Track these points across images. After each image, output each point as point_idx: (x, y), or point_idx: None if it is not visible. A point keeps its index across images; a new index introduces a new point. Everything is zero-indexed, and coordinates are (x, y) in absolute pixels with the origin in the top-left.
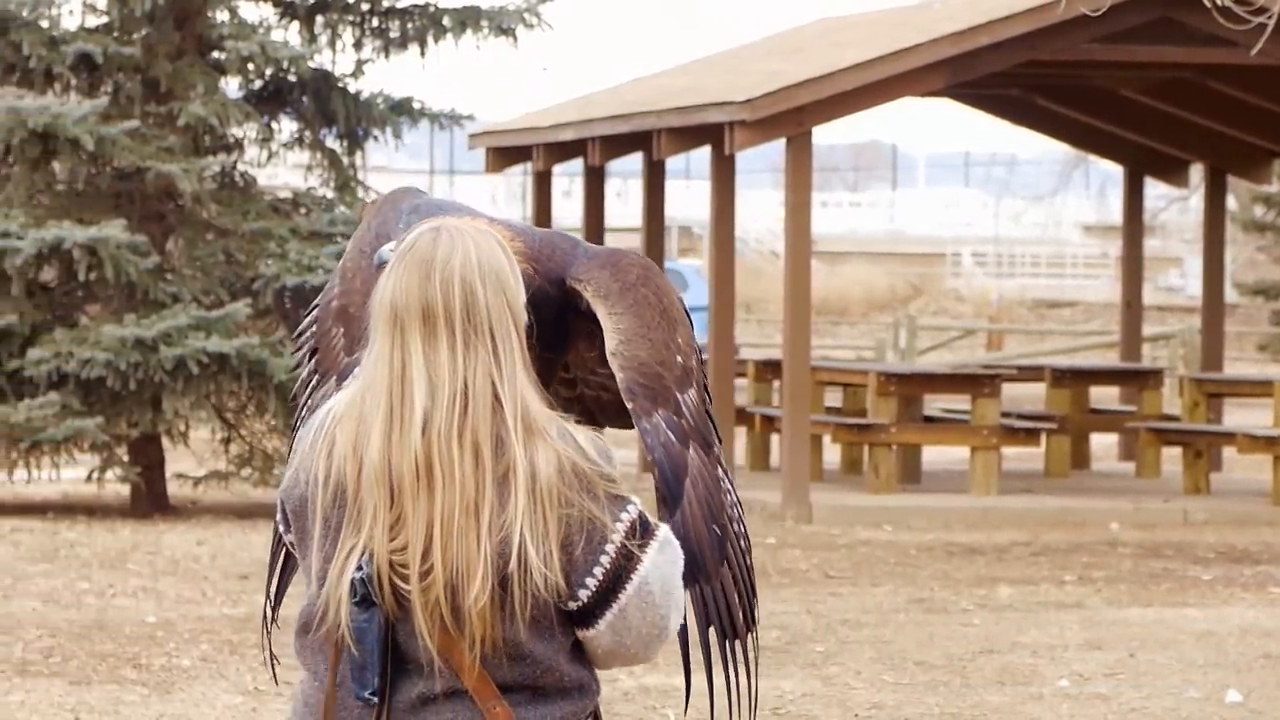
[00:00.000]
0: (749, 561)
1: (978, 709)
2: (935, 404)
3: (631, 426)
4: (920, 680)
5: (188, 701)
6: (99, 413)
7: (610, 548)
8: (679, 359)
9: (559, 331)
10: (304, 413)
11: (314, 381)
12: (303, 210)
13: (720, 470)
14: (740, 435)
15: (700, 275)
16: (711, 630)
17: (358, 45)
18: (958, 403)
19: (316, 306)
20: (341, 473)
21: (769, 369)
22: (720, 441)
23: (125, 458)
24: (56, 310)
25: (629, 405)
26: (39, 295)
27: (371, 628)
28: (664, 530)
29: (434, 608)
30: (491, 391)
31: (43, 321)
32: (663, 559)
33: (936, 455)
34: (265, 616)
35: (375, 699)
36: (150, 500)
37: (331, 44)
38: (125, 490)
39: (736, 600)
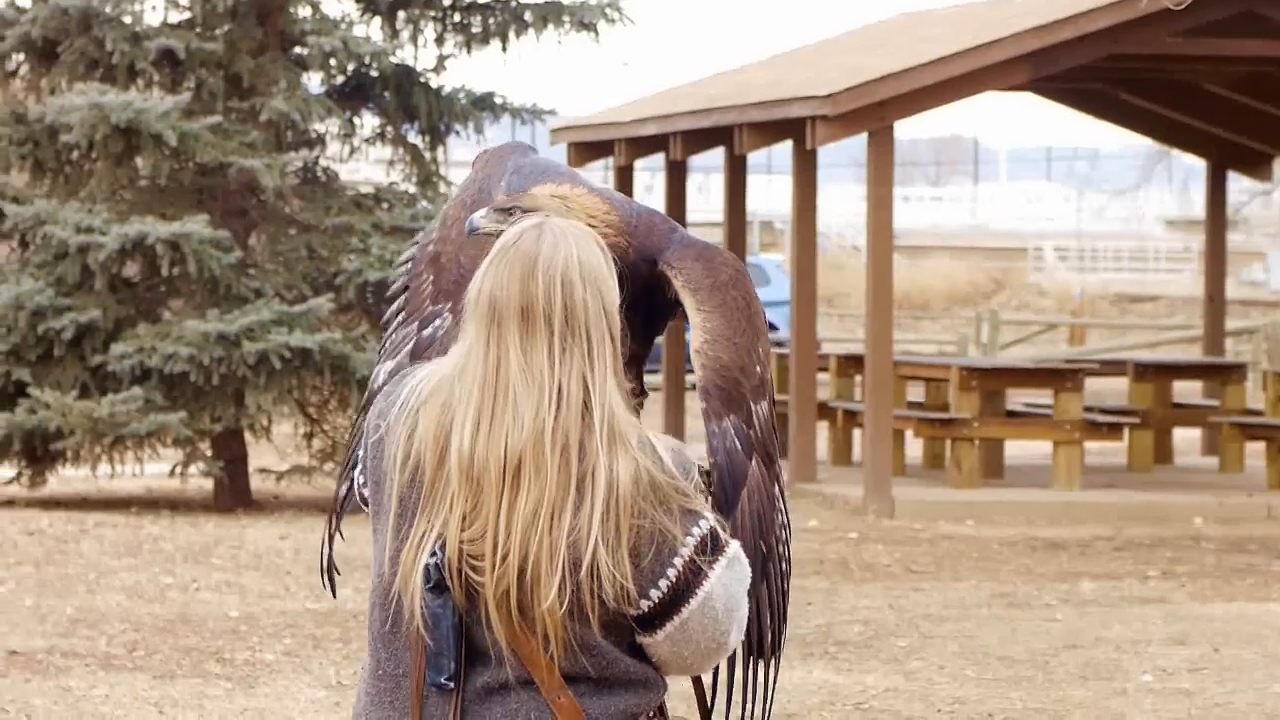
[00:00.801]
0: (786, 587)
1: (1061, 704)
2: (1018, 398)
3: None
4: (1003, 675)
5: (271, 695)
6: (182, 407)
7: (678, 561)
8: (758, 368)
9: (648, 310)
10: (385, 346)
11: (398, 320)
12: (385, 205)
13: (777, 488)
14: (822, 430)
15: (782, 270)
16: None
17: (439, 40)
18: (1040, 397)
19: (417, 244)
20: (421, 457)
21: (851, 363)
22: (780, 465)
23: (208, 452)
24: (140, 305)
25: (702, 404)
26: (122, 290)
27: (446, 614)
28: (734, 547)
29: (503, 599)
30: (583, 395)
31: (126, 317)
32: (730, 576)
33: (1019, 450)
34: (329, 529)
35: (451, 684)
36: (233, 495)
37: (413, 39)
38: (208, 485)
39: (767, 621)
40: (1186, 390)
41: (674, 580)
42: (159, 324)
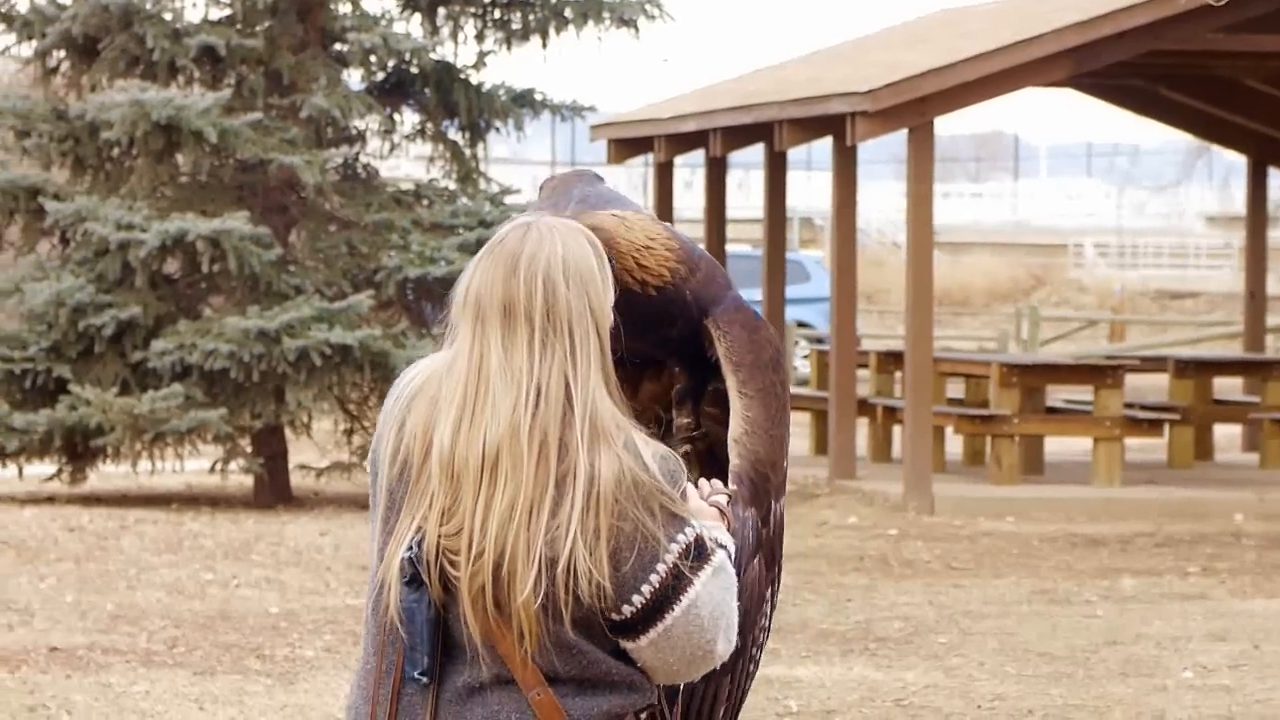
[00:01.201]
0: (748, 684)
1: (1101, 700)
2: (1058, 395)
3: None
4: (1043, 672)
5: (311, 692)
6: (222, 404)
7: (661, 567)
8: (784, 464)
9: (692, 354)
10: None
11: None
12: (425, 202)
13: (770, 591)
14: (862, 426)
15: (822, 266)
16: None
17: (479, 37)
18: (1080, 394)
19: None
20: (409, 450)
21: (891, 360)
22: (779, 569)
23: (248, 449)
24: (180, 302)
25: (732, 487)
26: (163, 287)
27: (420, 608)
28: (720, 555)
29: (478, 596)
30: (565, 392)
31: (166, 313)
32: (716, 584)
33: (1059, 446)
34: None
35: (425, 679)
36: (273, 491)
37: (453, 36)
38: (248, 481)
39: (721, 713)
40: (1227, 386)
41: (656, 586)
42: (199, 321)
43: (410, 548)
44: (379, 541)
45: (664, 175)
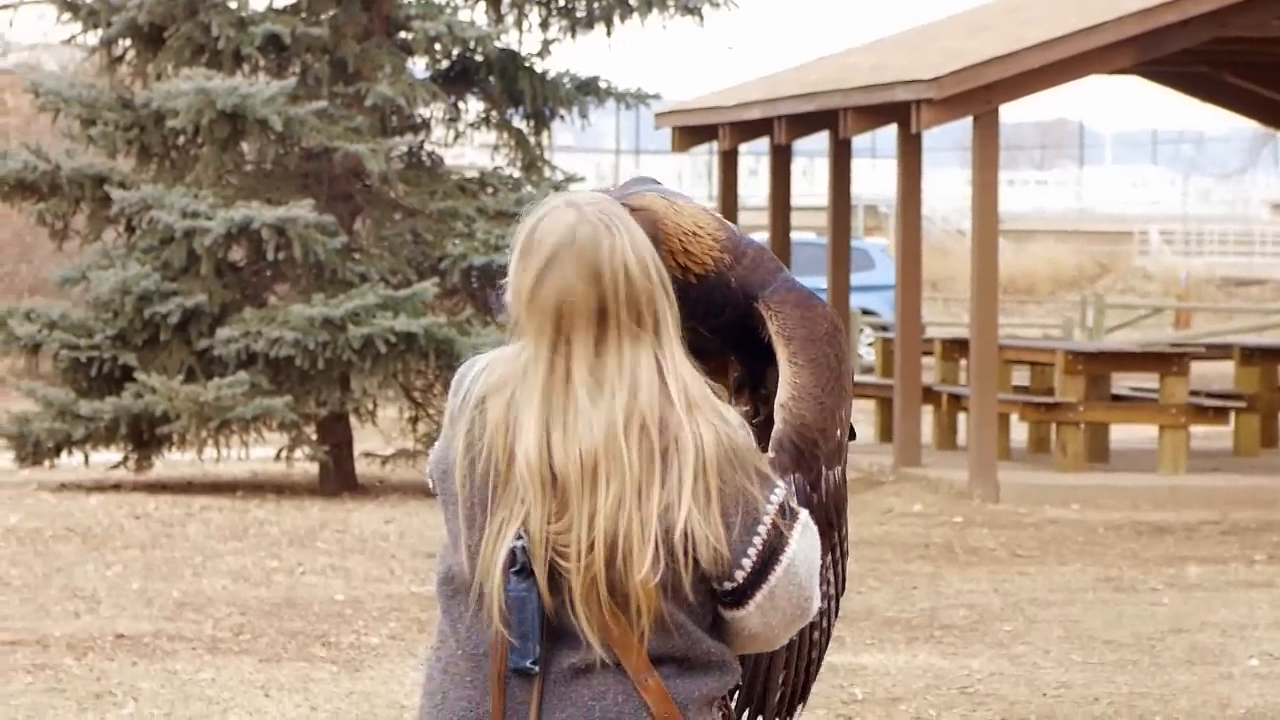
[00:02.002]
0: (814, 656)
1: (1166, 688)
2: (1123, 382)
3: None
4: (1109, 659)
5: (376, 679)
6: (287, 392)
7: (763, 528)
8: (838, 433)
9: (745, 342)
10: None
11: None
12: (489, 190)
13: (830, 559)
14: (927, 414)
15: (887, 254)
16: (738, 694)
17: (544, 25)
18: (1146, 381)
19: None
20: (492, 452)
21: (956, 347)
22: (845, 525)
23: (313, 436)
24: (245, 290)
25: (771, 455)
26: (228, 275)
27: (530, 597)
28: (805, 514)
29: (590, 587)
30: (657, 374)
31: (232, 301)
32: (806, 542)
33: (1124, 434)
34: None
35: (536, 668)
36: (338, 479)
37: (518, 23)
38: (313, 469)
39: (779, 680)
40: None
41: (760, 548)
42: (264, 308)
43: (519, 536)
44: (467, 538)
45: (728, 163)
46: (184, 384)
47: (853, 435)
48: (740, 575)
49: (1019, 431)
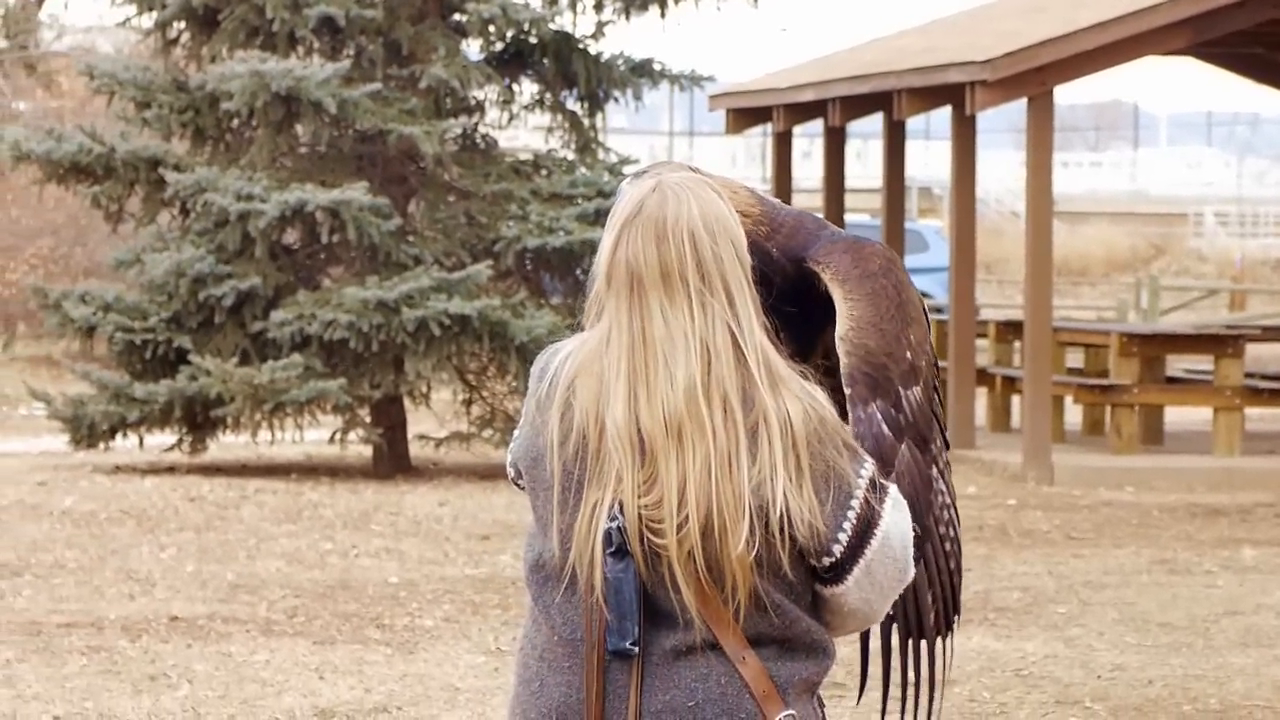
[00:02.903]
0: (953, 566)
1: (1221, 671)
2: (1178, 364)
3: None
4: (1163, 642)
5: (430, 661)
6: (341, 374)
7: (855, 502)
8: (908, 354)
9: (802, 306)
10: None
11: None
12: (543, 172)
13: (935, 470)
14: (981, 396)
15: (941, 236)
16: (895, 627)
17: (598, 7)
18: (1201, 363)
19: None
20: (582, 432)
21: (1010, 329)
22: (946, 445)
23: (367, 419)
24: (299, 272)
25: (847, 391)
26: (282, 258)
27: (628, 578)
28: (894, 489)
29: (688, 560)
30: (733, 345)
31: (286, 284)
32: (898, 515)
33: (1179, 416)
34: None
35: (636, 649)
36: (392, 461)
37: (572, 5)
38: (367, 451)
39: (929, 601)
40: None
41: (855, 521)
42: (319, 291)
43: (613, 518)
44: (559, 522)
45: (782, 145)
46: (238, 367)
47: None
48: (838, 550)
49: (1073, 414)
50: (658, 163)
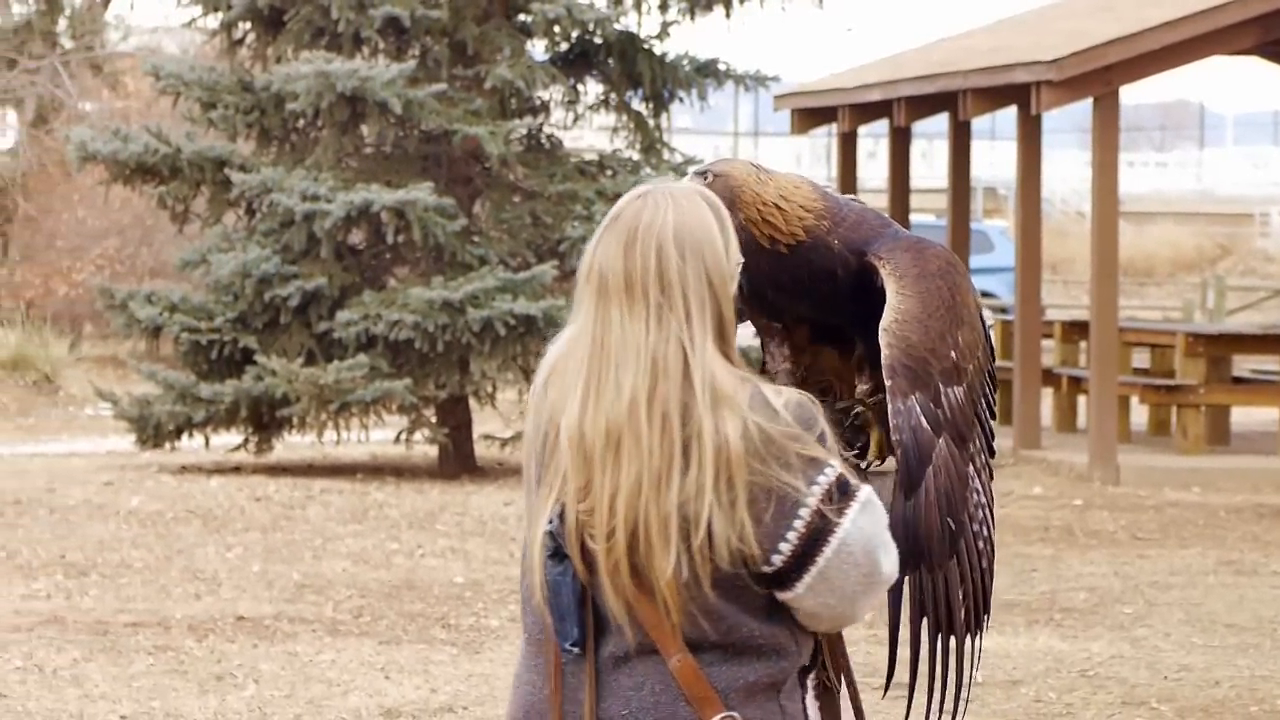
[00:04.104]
0: (985, 566)
1: None
2: (1244, 365)
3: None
4: (1230, 643)
5: (496, 661)
6: (407, 374)
7: (804, 511)
8: (952, 354)
9: (861, 302)
10: None
11: None
12: (609, 172)
13: (972, 469)
14: (1047, 396)
15: (1006, 236)
16: (925, 621)
17: (663, 7)
18: (1267, 363)
19: None
20: (547, 429)
21: (1076, 330)
22: (990, 451)
23: (433, 419)
24: (365, 272)
25: (887, 383)
26: (348, 258)
27: (565, 580)
28: (865, 491)
29: (614, 569)
30: (683, 362)
31: (351, 284)
32: (865, 520)
33: (1245, 416)
34: None
35: (576, 650)
36: (458, 461)
37: (637, 6)
38: (433, 451)
39: (960, 598)
40: None
41: (802, 531)
42: (384, 291)
43: (551, 521)
44: (526, 519)
45: (847, 145)
46: (304, 367)
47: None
48: (778, 559)
49: (1139, 414)
50: (720, 159)
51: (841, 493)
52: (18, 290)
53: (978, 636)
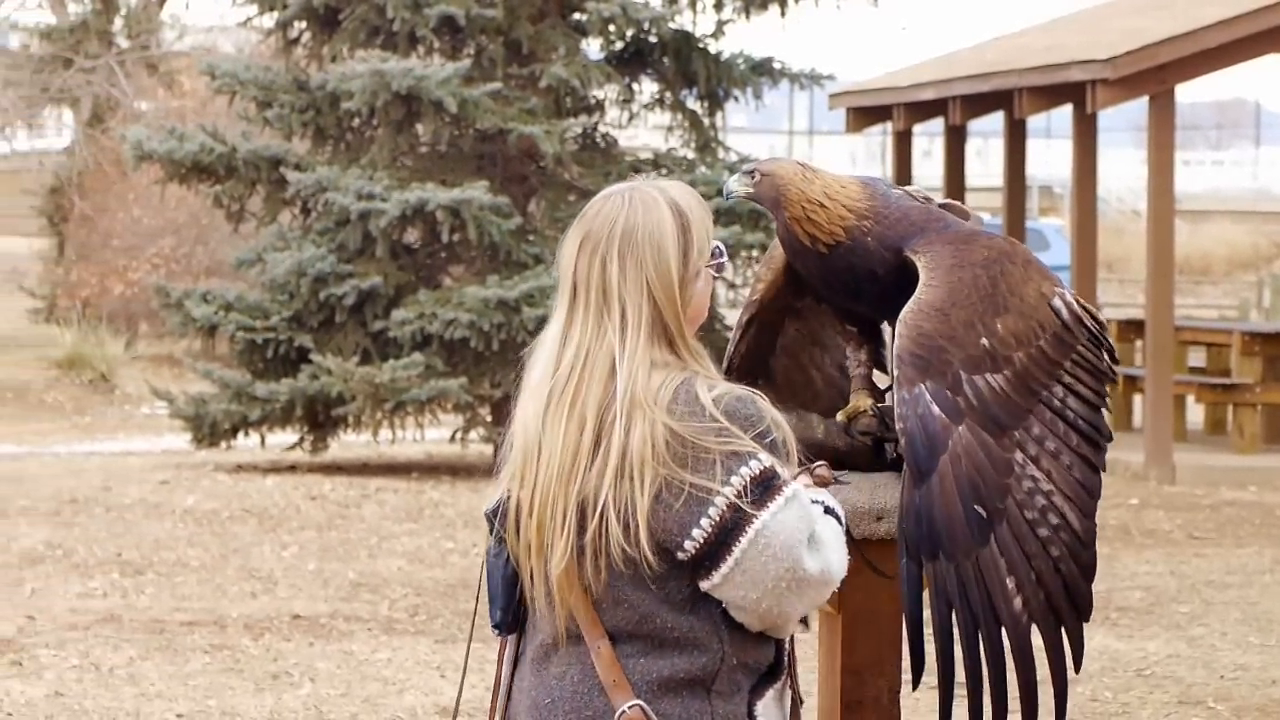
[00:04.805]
0: (1055, 554)
1: None
2: None
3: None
4: None
5: None
6: (462, 373)
7: (719, 501)
8: (982, 341)
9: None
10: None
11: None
12: (663, 171)
13: (1021, 456)
14: None
15: (1061, 235)
16: (955, 613)
17: (718, 5)
18: None
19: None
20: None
21: (1131, 328)
22: (1079, 437)
23: (488, 418)
24: (420, 271)
25: (894, 372)
26: (403, 257)
27: (499, 563)
28: (793, 488)
29: (528, 554)
30: (609, 364)
31: (407, 283)
32: (789, 515)
33: None
34: None
35: (498, 631)
36: None
37: (692, 4)
38: (488, 450)
39: (1007, 587)
40: None
41: (716, 520)
42: (439, 290)
43: (493, 505)
44: None
45: (902, 144)
46: (359, 366)
47: None
48: (691, 546)
49: (1195, 413)
50: (769, 158)
51: (764, 487)
52: (74, 289)
53: (1058, 632)
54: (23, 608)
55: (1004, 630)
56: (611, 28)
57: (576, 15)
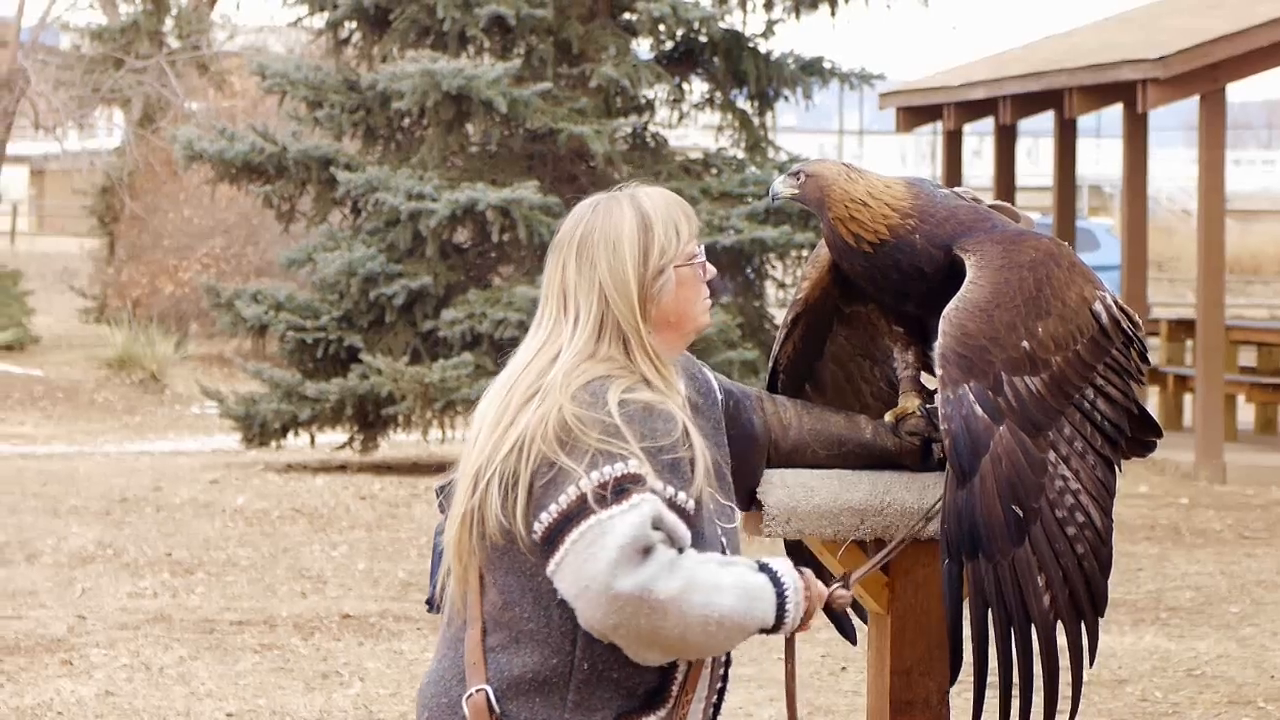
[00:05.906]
0: (1080, 551)
1: None
2: None
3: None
4: None
5: None
6: None
7: (571, 489)
8: (1024, 344)
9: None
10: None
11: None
12: (714, 171)
13: (1055, 456)
14: (1152, 395)
15: (1112, 234)
16: (991, 612)
17: (768, 5)
18: None
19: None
20: None
21: (1182, 328)
22: (1102, 439)
23: None
24: (470, 271)
25: (939, 372)
26: (453, 256)
27: (439, 542)
28: (649, 500)
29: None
30: (550, 360)
31: (456, 283)
32: (629, 520)
33: None
34: None
35: (428, 607)
36: None
37: (742, 4)
38: None
39: (1040, 584)
40: None
41: (564, 506)
42: (489, 290)
43: (442, 483)
44: None
45: (952, 143)
46: (409, 365)
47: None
48: (539, 528)
49: (1245, 413)
50: (818, 159)
51: (620, 490)
52: (124, 289)
53: (1079, 627)
54: (73, 607)
55: (1034, 627)
56: (661, 27)
57: (626, 15)
